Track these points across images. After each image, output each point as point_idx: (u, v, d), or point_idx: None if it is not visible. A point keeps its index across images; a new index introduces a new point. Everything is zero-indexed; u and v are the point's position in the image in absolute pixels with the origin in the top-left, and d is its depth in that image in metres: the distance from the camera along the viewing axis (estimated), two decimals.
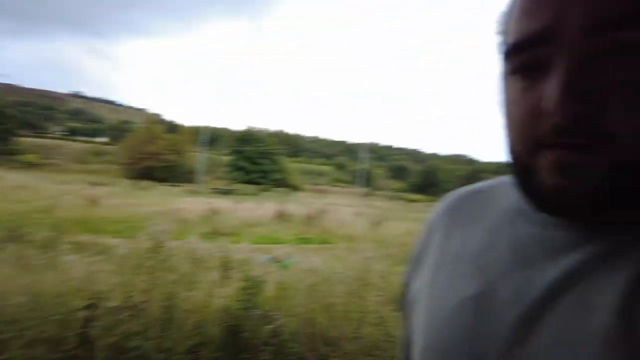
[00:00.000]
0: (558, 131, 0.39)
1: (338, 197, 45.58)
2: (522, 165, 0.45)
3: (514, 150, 0.46)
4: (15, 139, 56.64)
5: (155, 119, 79.72)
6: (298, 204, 24.54)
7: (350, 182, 79.34)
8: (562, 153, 0.40)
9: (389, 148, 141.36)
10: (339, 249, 8.90)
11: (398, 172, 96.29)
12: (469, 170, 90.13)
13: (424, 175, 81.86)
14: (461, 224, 0.60)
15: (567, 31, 0.39)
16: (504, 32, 0.47)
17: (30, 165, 45.26)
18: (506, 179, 0.60)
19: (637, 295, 0.38)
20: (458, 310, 0.51)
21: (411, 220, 22.37)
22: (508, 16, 0.46)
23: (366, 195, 57.74)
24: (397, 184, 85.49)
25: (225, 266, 4.06)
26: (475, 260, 0.53)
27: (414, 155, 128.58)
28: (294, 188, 57.67)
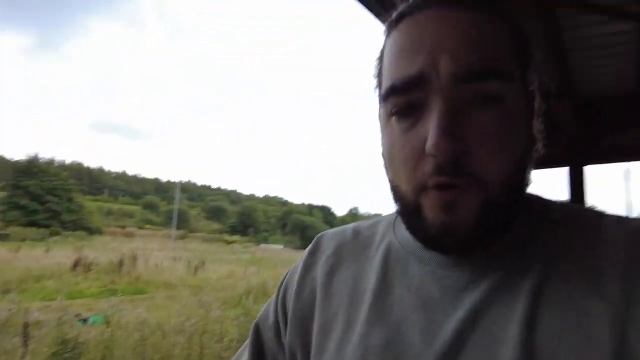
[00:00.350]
0: (439, 171, 0.42)
1: (148, 241, 41.77)
2: (408, 204, 0.47)
3: (399, 190, 0.48)
4: None
5: None
6: (100, 250, 21.45)
7: (162, 224, 73.90)
8: (444, 194, 0.43)
9: (207, 188, 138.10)
10: (157, 298, 8.03)
11: (215, 213, 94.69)
12: (283, 211, 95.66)
13: (241, 216, 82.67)
14: (345, 264, 0.59)
15: (440, 77, 0.43)
16: (378, 77, 0.51)
17: None
18: (382, 220, 0.63)
19: (533, 325, 0.42)
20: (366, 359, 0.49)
21: (231, 262, 22.20)
22: (382, 61, 0.50)
23: (181, 237, 54.73)
24: (215, 225, 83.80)
25: (24, 330, 3.13)
26: (372, 304, 0.52)
27: (232, 196, 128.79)
28: (94, 231, 50.52)
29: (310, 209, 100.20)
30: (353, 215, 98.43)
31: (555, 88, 2.81)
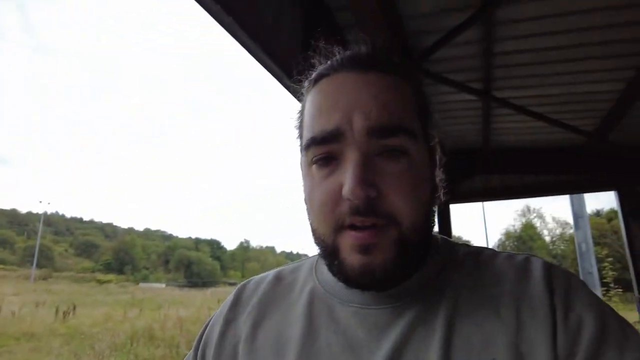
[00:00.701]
0: (354, 212, 0.47)
1: (0, 284, 35.27)
2: (327, 246, 0.51)
3: (319, 232, 0.52)
4: None
5: None
6: None
7: (19, 263, 63.11)
8: (360, 235, 0.47)
9: (77, 220, 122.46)
10: (18, 352, 6.80)
11: (86, 249, 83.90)
12: (166, 246, 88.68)
13: (118, 252, 74.72)
14: (270, 314, 0.60)
15: (354, 132, 0.48)
16: (300, 128, 0.55)
17: None
18: (304, 263, 0.66)
19: (449, 354, 0.47)
20: None
21: (107, 304, 19.90)
22: (303, 115, 0.55)
23: (42, 278, 47.29)
24: (86, 263, 74.07)
25: None
26: (299, 351, 0.54)
27: (107, 230, 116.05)
28: None
29: (197, 243, 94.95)
30: (244, 248, 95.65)
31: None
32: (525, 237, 41.67)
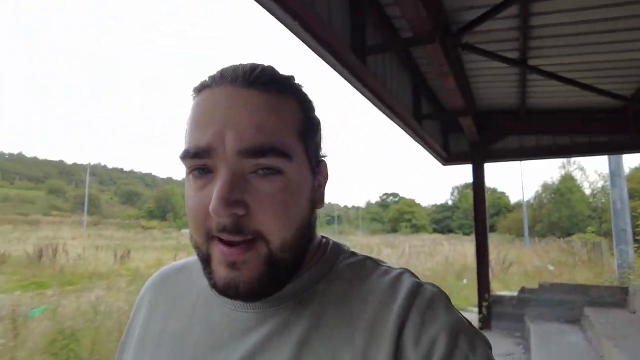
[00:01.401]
0: (221, 229, 0.47)
1: (57, 229, 38.26)
2: (201, 253, 0.51)
3: (194, 238, 0.52)
4: None
5: None
6: (4, 242, 19.51)
7: (71, 210, 67.90)
8: (228, 251, 0.47)
9: (118, 171, 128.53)
10: (93, 288, 7.79)
11: (129, 198, 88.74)
12: None
13: (159, 201, 78.57)
14: (163, 304, 0.63)
15: (225, 150, 0.47)
16: (185, 135, 0.53)
17: None
18: None
19: None
20: None
21: (156, 249, 21.33)
22: (187, 126, 0.52)
23: (93, 224, 50.81)
24: (130, 211, 78.56)
25: None
26: (174, 344, 0.56)
27: (146, 180, 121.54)
28: None
29: None
30: None
31: (455, 99, 3.59)
32: (564, 189, 40.47)
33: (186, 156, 0.50)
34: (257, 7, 1.86)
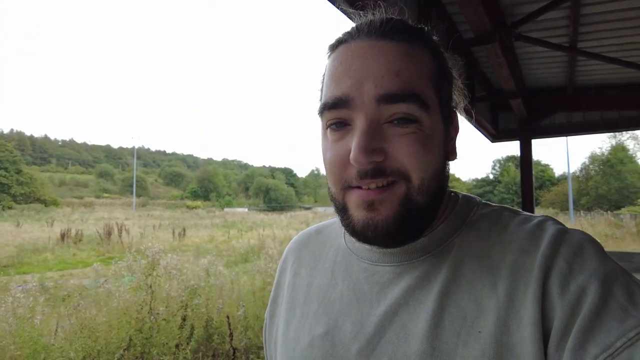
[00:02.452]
0: (362, 176, 0.50)
1: (110, 210, 40.87)
2: (338, 203, 0.54)
3: (332, 190, 0.55)
4: None
5: None
6: (68, 222, 21.32)
7: (119, 192, 71.77)
8: (365, 192, 0.50)
9: (161, 153, 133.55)
10: (169, 259, 8.69)
11: (173, 179, 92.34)
12: (244, 175, 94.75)
13: (201, 181, 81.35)
14: (307, 263, 0.67)
15: (363, 99, 0.50)
16: (321, 92, 0.56)
17: None
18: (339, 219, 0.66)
19: (439, 322, 0.49)
20: (309, 348, 0.57)
21: (206, 227, 22.58)
22: (323, 80, 0.56)
23: (142, 205, 53.73)
24: (174, 191, 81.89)
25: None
26: (321, 300, 0.60)
27: (188, 161, 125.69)
28: (49, 203, 48.54)
29: (272, 171, 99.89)
30: (315, 176, 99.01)
31: (508, 82, 3.90)
32: (614, 160, 38.60)
33: (324, 108, 0.52)
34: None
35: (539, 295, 0.46)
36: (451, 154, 0.58)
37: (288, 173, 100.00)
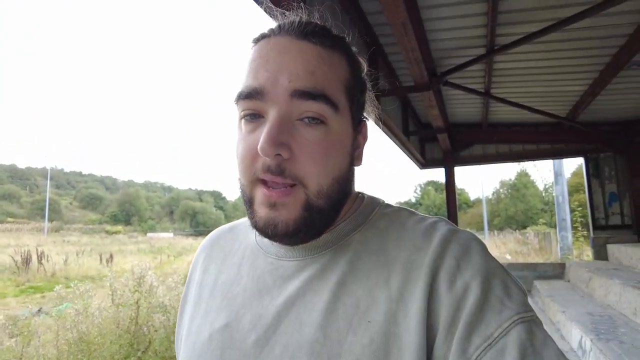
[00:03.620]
0: (266, 169, 0.50)
1: (18, 236, 36.69)
2: (246, 196, 0.55)
3: (241, 182, 0.56)
4: None
5: None
6: None
7: (27, 217, 64.88)
8: (269, 193, 0.51)
9: (77, 174, 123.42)
10: (97, 289, 8.17)
11: (90, 202, 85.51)
12: (169, 198, 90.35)
13: (122, 205, 76.39)
14: (216, 259, 0.68)
15: (277, 92, 0.51)
16: (240, 84, 0.55)
17: None
18: None
19: (333, 311, 0.52)
20: (208, 341, 0.57)
21: (132, 253, 21.27)
22: (243, 73, 0.55)
23: (55, 230, 49.05)
24: (92, 216, 75.78)
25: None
26: (225, 294, 0.61)
27: (106, 183, 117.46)
28: None
29: (200, 194, 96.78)
30: None
31: (436, 119, 4.58)
32: (519, 185, 43.07)
33: (240, 97, 0.53)
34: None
35: (427, 289, 0.49)
36: (357, 159, 0.60)
37: (217, 196, 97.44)
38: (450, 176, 6.39)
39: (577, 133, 5.34)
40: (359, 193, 0.64)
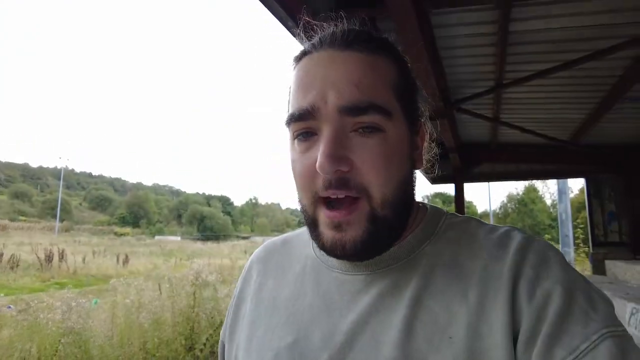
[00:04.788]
0: (327, 185, 0.50)
1: (29, 235, 37.42)
2: (308, 217, 0.54)
3: (302, 202, 0.55)
4: None
5: None
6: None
7: (38, 216, 65.87)
8: (332, 214, 0.51)
9: (87, 175, 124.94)
10: (118, 285, 8.58)
11: (100, 203, 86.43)
12: (177, 201, 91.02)
13: (131, 207, 77.10)
14: (272, 275, 0.67)
15: (328, 109, 0.51)
16: (288, 104, 0.56)
17: None
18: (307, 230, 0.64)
19: (411, 329, 0.49)
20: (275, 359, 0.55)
21: (142, 254, 21.72)
22: (289, 93, 0.56)
23: (65, 230, 49.84)
24: (101, 217, 76.54)
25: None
26: (288, 310, 0.60)
27: (116, 184, 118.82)
28: None
29: (208, 198, 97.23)
30: (253, 204, 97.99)
31: (449, 141, 5.02)
32: (527, 200, 43.15)
33: (291, 120, 0.53)
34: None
35: (509, 300, 0.47)
36: (417, 162, 0.59)
37: (225, 201, 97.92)
38: (460, 192, 6.81)
39: (579, 155, 5.75)
40: (420, 203, 0.63)
